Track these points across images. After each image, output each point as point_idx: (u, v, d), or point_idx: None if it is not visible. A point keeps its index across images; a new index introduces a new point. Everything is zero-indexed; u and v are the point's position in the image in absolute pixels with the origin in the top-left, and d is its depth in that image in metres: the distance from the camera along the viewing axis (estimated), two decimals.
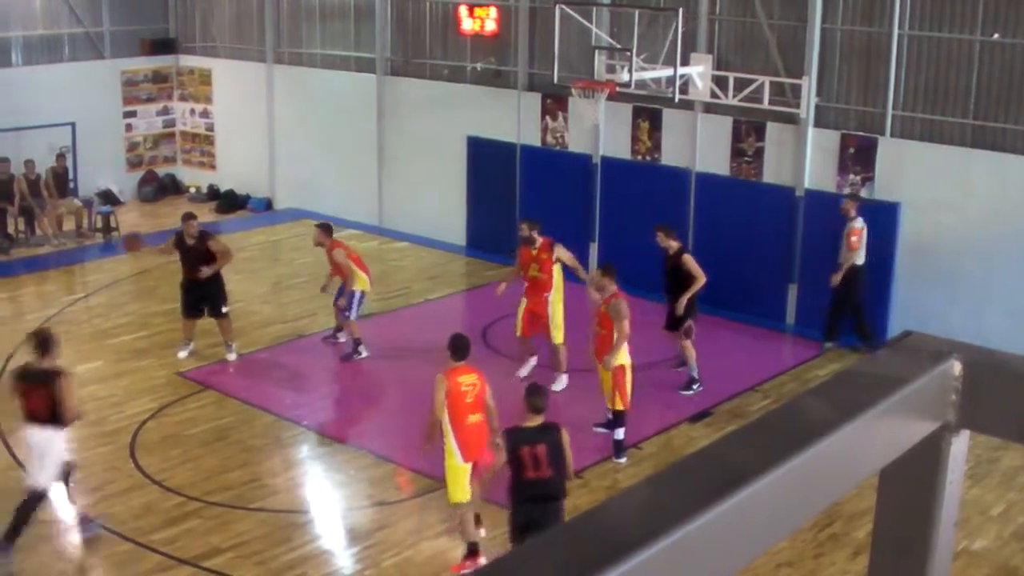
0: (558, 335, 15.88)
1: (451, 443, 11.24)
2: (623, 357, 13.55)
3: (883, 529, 2.19)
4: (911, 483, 2.12)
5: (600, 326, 13.78)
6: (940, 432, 2.08)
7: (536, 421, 10.39)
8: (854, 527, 11.85)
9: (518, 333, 16.12)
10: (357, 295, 16.71)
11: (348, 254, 16.85)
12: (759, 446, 1.82)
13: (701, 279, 15.58)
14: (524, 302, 16.02)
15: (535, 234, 15.95)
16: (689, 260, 15.67)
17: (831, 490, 1.92)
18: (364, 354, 16.83)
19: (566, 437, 10.44)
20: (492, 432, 11.24)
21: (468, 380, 11.32)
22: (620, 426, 13.72)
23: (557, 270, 15.86)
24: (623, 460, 13.69)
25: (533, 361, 16.16)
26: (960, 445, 2.11)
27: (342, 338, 17.21)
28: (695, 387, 15.78)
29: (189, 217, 16.97)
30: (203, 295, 16.62)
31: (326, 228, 17.12)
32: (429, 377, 11.77)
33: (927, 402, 2.05)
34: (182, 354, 16.69)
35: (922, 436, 2.06)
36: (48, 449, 11.39)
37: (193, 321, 16.82)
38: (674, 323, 15.80)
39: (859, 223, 16.69)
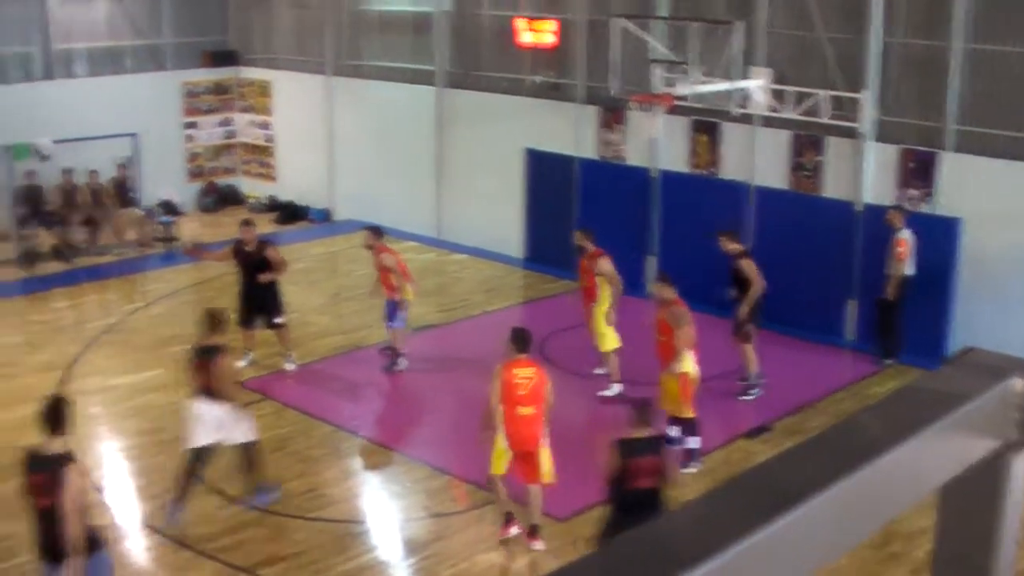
0: (602, 343, 15.90)
1: (500, 430, 11.66)
2: (687, 364, 13.44)
3: (944, 548, 2.18)
4: (972, 501, 2.11)
5: (660, 333, 13.73)
6: (1002, 450, 2.07)
7: (645, 432, 10.46)
8: (914, 546, 11.72)
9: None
10: (400, 304, 16.71)
11: (397, 260, 16.90)
12: (817, 462, 1.82)
13: (756, 284, 15.54)
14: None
15: (586, 244, 15.97)
16: (746, 265, 15.64)
17: (891, 507, 1.91)
18: (403, 366, 16.87)
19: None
20: (544, 425, 11.67)
21: (524, 373, 11.68)
22: (693, 435, 13.65)
23: (603, 281, 15.81)
24: (695, 468, 13.59)
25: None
26: (1022, 463, 2.10)
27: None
28: (753, 392, 15.71)
29: (247, 223, 17.14)
30: (260, 305, 16.74)
31: (376, 231, 17.13)
32: (486, 389, 11.82)
33: (988, 419, 2.04)
34: (241, 363, 16.77)
35: (983, 454, 2.05)
36: (210, 419, 12.36)
37: (251, 331, 16.94)
38: (738, 329, 15.84)
39: (905, 234, 16.62)
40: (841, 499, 1.79)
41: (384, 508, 13.34)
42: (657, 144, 20.00)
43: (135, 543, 12.27)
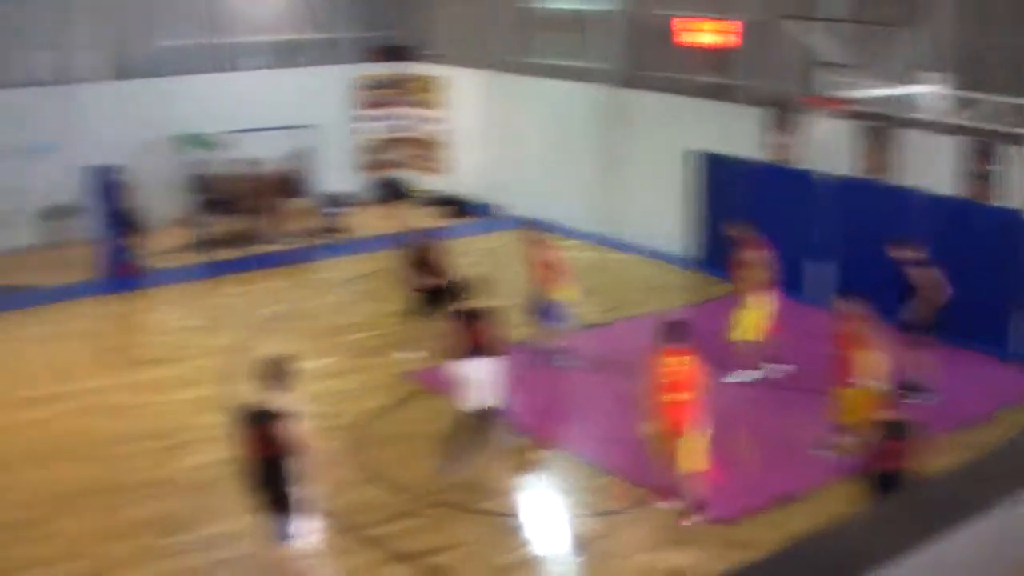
0: (732, 334, 16.31)
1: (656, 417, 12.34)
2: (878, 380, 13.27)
3: None
4: None
5: (844, 348, 13.52)
6: None
7: (895, 415, 10.85)
8: None
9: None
10: (560, 302, 16.89)
11: (558, 259, 17.03)
12: (986, 482, 1.86)
13: (928, 292, 15.38)
14: None
15: (745, 236, 16.59)
16: (916, 273, 15.45)
17: None
18: (572, 363, 17.00)
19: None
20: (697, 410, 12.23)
21: (671, 362, 12.21)
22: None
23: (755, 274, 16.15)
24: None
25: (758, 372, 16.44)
26: None
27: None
28: (924, 395, 15.48)
29: (425, 237, 17.63)
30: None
31: (537, 229, 17.50)
32: (645, 389, 11.97)
33: None
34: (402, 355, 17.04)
35: None
36: (480, 378, 13.07)
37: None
38: (908, 334, 15.68)
39: None
40: (1007, 521, 1.80)
41: (547, 504, 13.43)
42: (826, 147, 19.76)
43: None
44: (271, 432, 9.82)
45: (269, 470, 9.87)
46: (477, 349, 13.10)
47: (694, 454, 12.30)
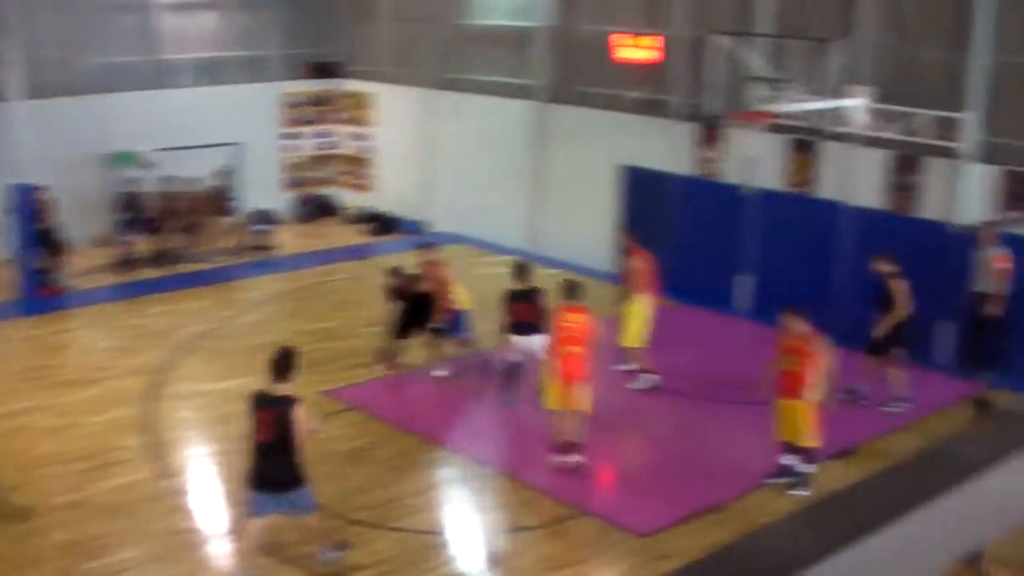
0: (623, 341, 16.75)
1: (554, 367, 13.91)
2: (819, 393, 13.36)
3: None
4: None
5: (786, 362, 13.46)
6: None
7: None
8: None
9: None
10: (462, 314, 17.23)
11: (448, 274, 17.33)
12: (910, 484, 1.78)
13: (902, 306, 15.70)
14: None
15: (630, 244, 17.23)
16: (895, 285, 15.75)
17: (983, 531, 1.84)
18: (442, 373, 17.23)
19: None
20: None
21: (570, 318, 13.80)
22: (811, 462, 13.56)
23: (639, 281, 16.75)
24: (806, 493, 13.46)
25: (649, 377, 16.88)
26: None
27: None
28: (903, 405, 16.00)
29: (397, 273, 17.44)
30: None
31: (428, 245, 17.89)
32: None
33: None
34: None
35: None
36: (528, 346, 15.42)
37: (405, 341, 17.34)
38: (873, 348, 15.98)
39: (1005, 250, 16.44)
40: (933, 520, 1.73)
41: (466, 521, 13.29)
42: (753, 162, 19.81)
43: (217, 548, 12.35)
44: (283, 416, 10.91)
45: (281, 449, 10.93)
46: (527, 325, 15.35)
47: (584, 399, 13.76)
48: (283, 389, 11.10)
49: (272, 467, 11.05)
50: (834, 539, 1.63)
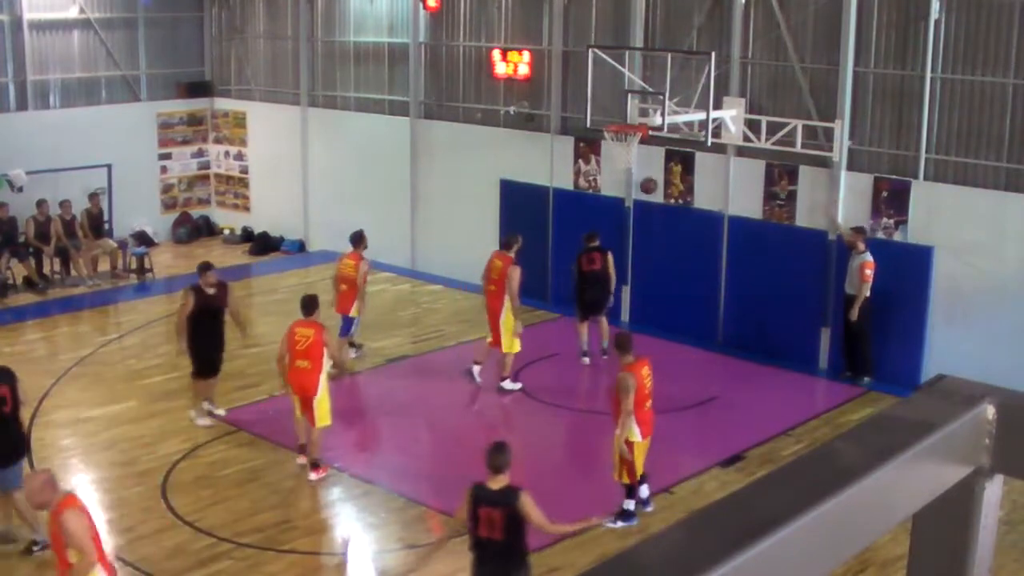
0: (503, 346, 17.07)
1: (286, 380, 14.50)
2: (632, 433, 12.83)
3: (917, 575, 2.17)
4: (945, 528, 2.11)
5: (615, 396, 13.12)
6: (974, 476, 2.07)
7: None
8: (888, 573, 11.72)
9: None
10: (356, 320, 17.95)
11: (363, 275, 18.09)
12: (791, 490, 1.82)
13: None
14: None
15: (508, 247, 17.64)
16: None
17: (864, 535, 1.90)
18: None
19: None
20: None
21: (301, 332, 14.15)
22: (630, 497, 13.13)
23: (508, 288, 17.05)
24: (633, 523, 13.14)
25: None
26: (994, 489, 2.10)
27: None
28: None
29: (206, 268, 16.37)
30: (215, 354, 16.20)
31: (358, 238, 18.71)
32: (459, 421, 11.82)
33: (960, 446, 2.03)
34: (201, 421, 16.06)
35: (956, 480, 2.04)
36: None
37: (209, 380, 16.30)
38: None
39: (870, 256, 16.88)
40: (815, 527, 1.78)
41: (358, 539, 13.25)
42: (631, 174, 20.04)
43: None
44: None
45: None
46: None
47: (324, 413, 14.17)
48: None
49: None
50: (719, 548, 1.68)
